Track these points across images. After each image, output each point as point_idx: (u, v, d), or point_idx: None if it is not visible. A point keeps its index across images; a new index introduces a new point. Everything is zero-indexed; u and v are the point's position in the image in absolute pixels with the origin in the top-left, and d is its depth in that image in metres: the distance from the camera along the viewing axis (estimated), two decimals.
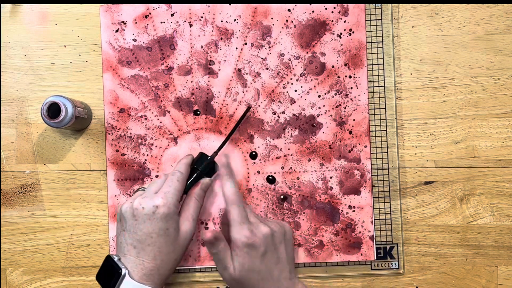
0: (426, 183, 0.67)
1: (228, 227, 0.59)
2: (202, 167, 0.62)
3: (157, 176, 0.66)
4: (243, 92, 0.66)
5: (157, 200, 0.56)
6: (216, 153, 0.63)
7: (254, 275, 0.58)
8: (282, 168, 0.66)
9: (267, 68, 0.66)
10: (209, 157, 0.63)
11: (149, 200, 0.57)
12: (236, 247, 0.58)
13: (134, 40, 0.66)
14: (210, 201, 0.66)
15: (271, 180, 0.66)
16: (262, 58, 0.66)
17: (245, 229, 0.58)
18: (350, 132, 0.66)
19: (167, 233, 0.56)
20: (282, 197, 0.66)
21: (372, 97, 0.67)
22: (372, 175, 0.66)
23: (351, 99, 0.66)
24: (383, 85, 0.67)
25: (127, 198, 0.66)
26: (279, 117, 0.66)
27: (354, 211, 0.66)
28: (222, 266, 0.59)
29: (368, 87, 0.66)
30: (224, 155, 0.61)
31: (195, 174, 0.62)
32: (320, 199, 0.66)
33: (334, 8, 0.66)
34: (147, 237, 0.56)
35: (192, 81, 0.66)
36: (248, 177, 0.66)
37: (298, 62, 0.66)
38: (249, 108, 0.65)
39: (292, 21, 0.66)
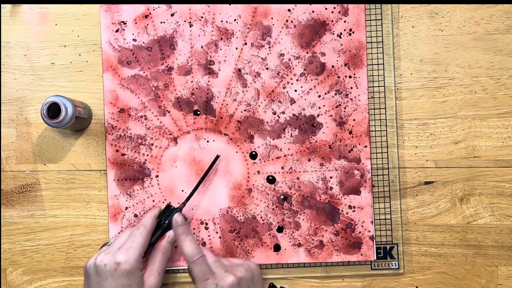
0: (426, 183, 0.67)
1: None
2: (169, 219, 0.62)
3: (157, 175, 0.66)
4: (243, 92, 0.66)
5: (119, 257, 0.57)
6: (183, 204, 0.63)
7: None
8: (282, 168, 0.66)
9: (267, 68, 0.66)
10: (176, 209, 0.63)
11: (111, 256, 0.57)
12: None
13: (134, 40, 0.66)
14: (211, 201, 0.66)
15: (271, 180, 0.66)
16: (262, 58, 0.66)
17: (209, 284, 0.58)
18: (350, 132, 0.66)
19: None
20: (282, 197, 0.66)
21: (372, 97, 0.67)
22: (372, 175, 0.66)
23: (351, 99, 0.66)
24: (383, 85, 0.67)
25: (127, 199, 0.66)
26: (279, 117, 0.66)
27: (354, 211, 0.66)
28: None
29: (368, 87, 0.66)
30: (179, 214, 0.62)
31: (162, 227, 0.62)
32: (320, 199, 0.66)
33: (334, 8, 0.66)
34: None
35: (192, 81, 0.66)
36: (248, 177, 0.66)
37: (298, 62, 0.66)
38: (217, 157, 0.65)
39: (292, 21, 0.66)
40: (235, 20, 0.66)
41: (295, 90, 0.66)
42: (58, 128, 0.63)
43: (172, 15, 0.66)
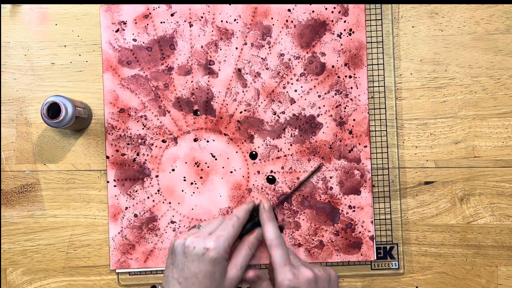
0: (426, 183, 0.67)
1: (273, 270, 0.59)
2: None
3: (157, 175, 0.66)
4: (243, 92, 0.66)
5: (209, 243, 0.57)
6: (281, 203, 0.64)
7: None
8: (282, 168, 0.66)
9: (267, 68, 0.66)
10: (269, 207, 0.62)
11: (201, 241, 0.57)
12: None
13: (134, 40, 0.66)
14: (211, 201, 0.66)
15: (271, 180, 0.66)
16: (262, 58, 0.66)
17: (287, 271, 0.57)
18: (350, 132, 0.66)
19: (213, 276, 0.56)
20: (281, 196, 0.66)
21: (372, 97, 0.67)
22: (372, 175, 0.66)
23: (351, 99, 0.66)
24: (383, 85, 0.67)
25: (127, 199, 0.66)
26: (279, 117, 0.66)
27: (354, 211, 0.66)
28: None
29: (368, 87, 0.66)
30: (266, 201, 0.62)
31: (253, 221, 0.61)
32: (320, 199, 0.66)
33: (334, 8, 0.66)
34: (193, 276, 0.56)
35: (192, 81, 0.66)
36: (248, 177, 0.66)
37: (298, 62, 0.66)
38: (321, 165, 0.65)
39: (292, 21, 0.66)
40: (235, 20, 0.66)
41: (295, 90, 0.66)
42: (58, 128, 0.63)
43: (172, 15, 0.66)
